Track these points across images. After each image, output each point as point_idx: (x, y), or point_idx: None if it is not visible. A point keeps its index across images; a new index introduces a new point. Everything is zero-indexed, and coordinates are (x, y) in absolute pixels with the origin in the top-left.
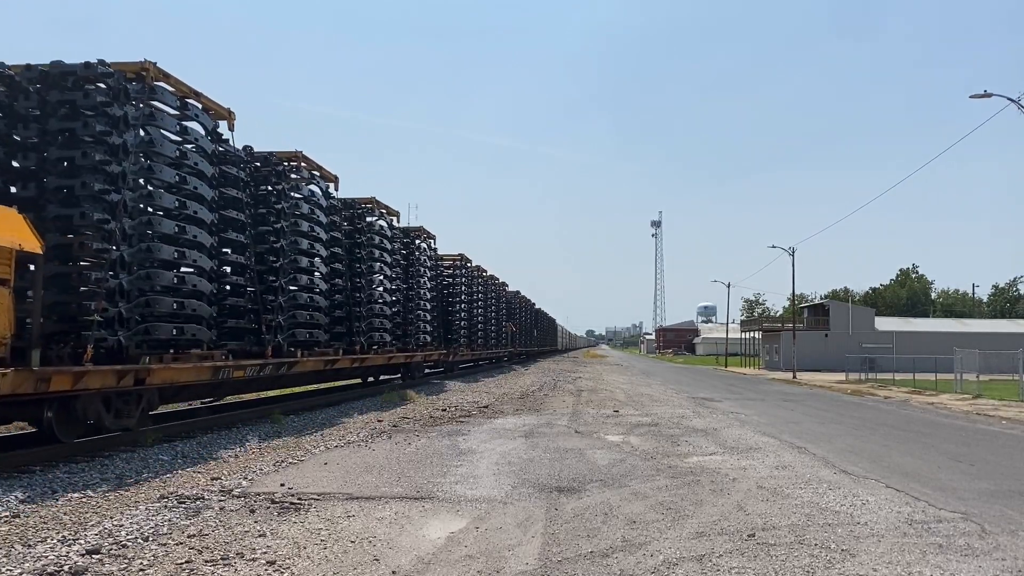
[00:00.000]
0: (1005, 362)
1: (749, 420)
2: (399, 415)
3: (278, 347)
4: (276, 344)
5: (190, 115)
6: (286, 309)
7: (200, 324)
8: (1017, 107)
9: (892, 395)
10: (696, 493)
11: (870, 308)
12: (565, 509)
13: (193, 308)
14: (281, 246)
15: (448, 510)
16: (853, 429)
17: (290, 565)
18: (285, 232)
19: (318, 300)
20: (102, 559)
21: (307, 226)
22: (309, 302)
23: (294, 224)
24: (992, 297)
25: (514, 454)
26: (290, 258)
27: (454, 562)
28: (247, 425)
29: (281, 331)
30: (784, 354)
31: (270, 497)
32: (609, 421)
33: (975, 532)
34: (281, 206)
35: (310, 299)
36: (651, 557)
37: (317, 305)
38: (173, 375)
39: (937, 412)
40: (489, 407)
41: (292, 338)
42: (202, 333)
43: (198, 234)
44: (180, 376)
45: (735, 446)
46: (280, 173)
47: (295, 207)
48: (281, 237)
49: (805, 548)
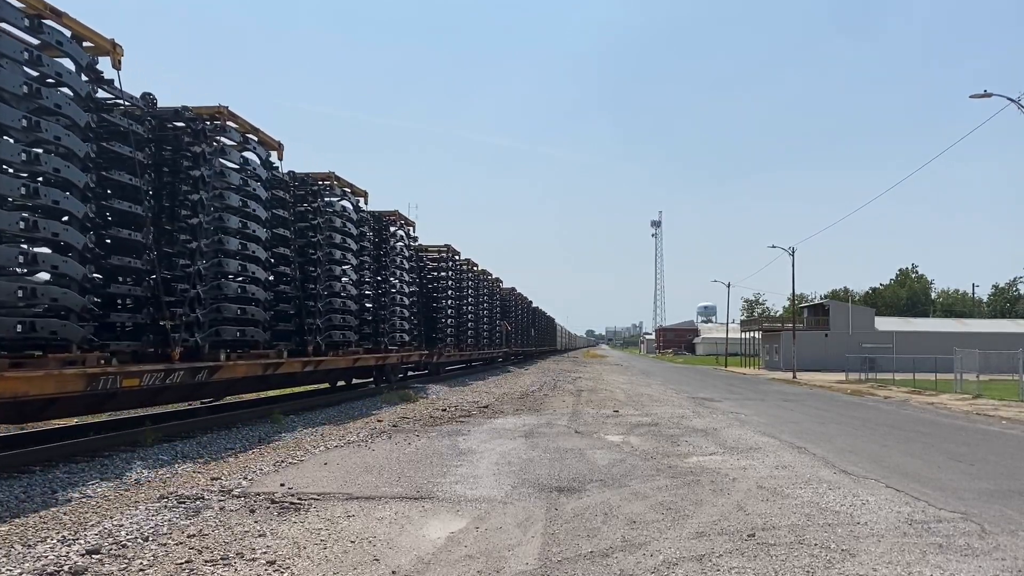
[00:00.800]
0: (1005, 362)
1: (749, 420)
2: (399, 415)
3: (194, 348)
4: (191, 344)
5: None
6: (206, 301)
7: None
8: (1017, 107)
9: (892, 395)
10: (696, 493)
11: (870, 308)
12: (565, 509)
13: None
14: (200, 223)
15: (448, 510)
16: (853, 429)
17: (290, 565)
18: (205, 205)
19: (254, 292)
20: (102, 559)
21: (237, 199)
22: (240, 293)
23: (218, 196)
24: (992, 297)
25: (514, 454)
26: (214, 238)
27: (454, 562)
28: (247, 425)
29: (199, 328)
30: (784, 354)
31: (270, 497)
32: (609, 421)
33: (975, 532)
34: (200, 172)
35: (241, 289)
36: (651, 557)
37: (252, 297)
38: None
39: (937, 412)
40: (489, 407)
41: (216, 337)
42: None
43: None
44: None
45: (735, 446)
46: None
47: (220, 176)
48: (200, 211)
49: (805, 548)
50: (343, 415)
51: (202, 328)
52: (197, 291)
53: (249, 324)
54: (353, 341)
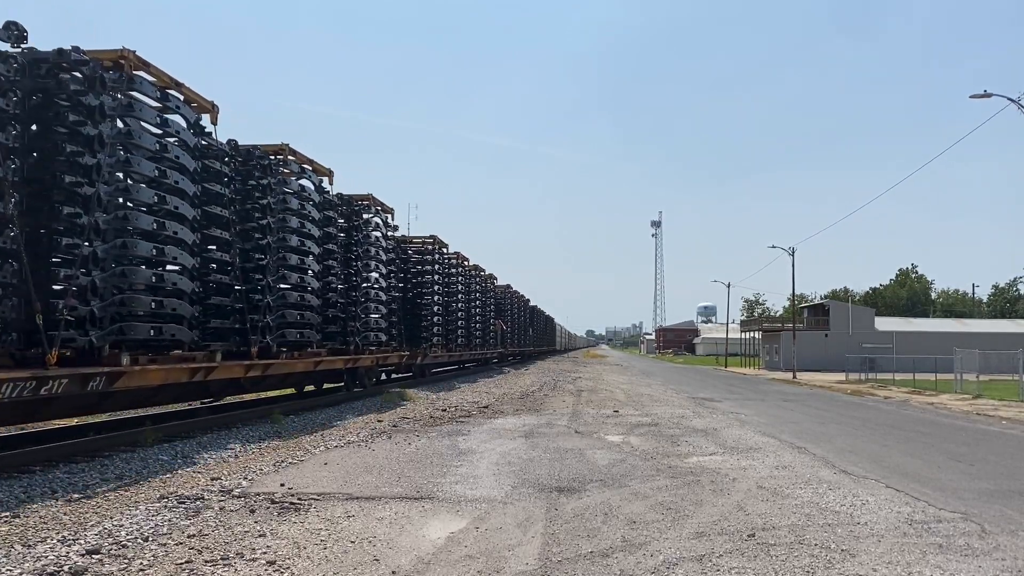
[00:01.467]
0: (1005, 362)
1: (749, 420)
2: (399, 415)
3: (86, 350)
4: (80, 345)
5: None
6: (105, 291)
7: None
8: (1017, 107)
9: (892, 395)
10: (696, 493)
11: (870, 308)
12: (565, 509)
13: None
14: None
15: (448, 510)
16: (853, 429)
17: (290, 565)
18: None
19: (176, 281)
20: (102, 559)
21: (151, 167)
22: (155, 282)
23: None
24: (992, 297)
25: (514, 454)
26: (117, 213)
27: (454, 562)
28: (247, 425)
29: (95, 324)
30: (784, 354)
31: (270, 497)
32: (609, 421)
33: (975, 532)
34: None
35: (154, 278)
36: (651, 557)
37: (173, 288)
38: None
39: (937, 412)
40: (489, 407)
41: (119, 335)
42: None
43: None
44: None
45: (735, 446)
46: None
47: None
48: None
49: (805, 548)
50: (343, 415)
51: (99, 324)
52: (92, 278)
53: (169, 321)
54: (315, 341)
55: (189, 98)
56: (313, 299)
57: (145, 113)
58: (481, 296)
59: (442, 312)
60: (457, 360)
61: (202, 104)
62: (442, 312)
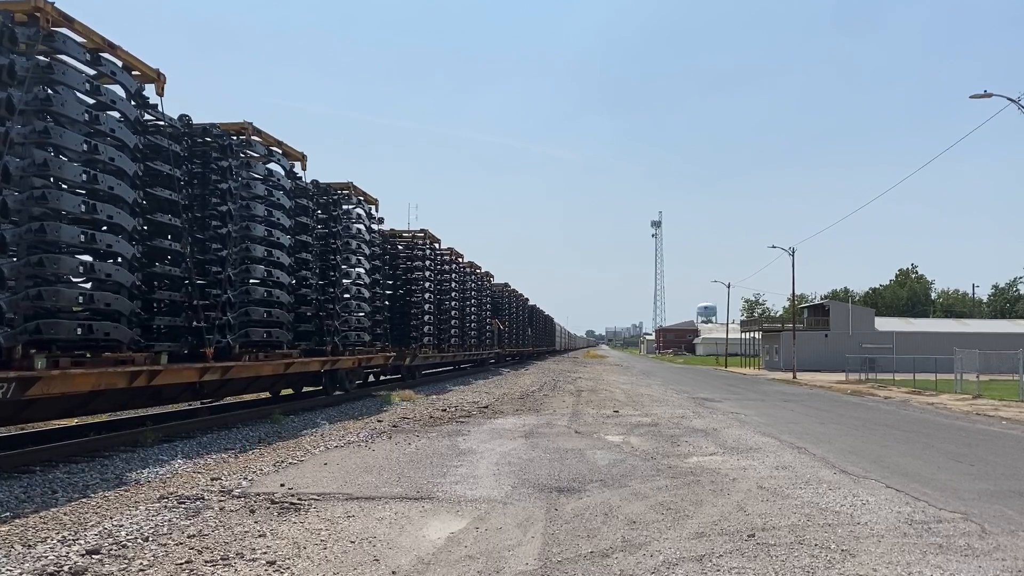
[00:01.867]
0: (1005, 362)
1: (749, 420)
2: (399, 415)
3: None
4: None
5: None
6: (14, 282)
7: None
8: (1017, 107)
9: (892, 395)
10: (696, 493)
11: (870, 308)
12: (565, 509)
13: None
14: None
15: (448, 510)
16: (853, 429)
17: (290, 565)
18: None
19: (113, 273)
20: (102, 559)
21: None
22: (92, 271)
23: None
24: (992, 297)
25: (514, 454)
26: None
27: (454, 562)
28: (247, 425)
29: (3, 322)
30: (784, 354)
31: (270, 497)
32: (609, 421)
33: (975, 532)
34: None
35: (80, 267)
36: (651, 557)
37: (105, 280)
38: None
39: (937, 412)
40: (489, 407)
41: (35, 334)
42: None
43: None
44: None
45: (735, 446)
46: None
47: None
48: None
49: (805, 548)
50: (343, 415)
51: (7, 322)
52: (16, 267)
53: (102, 318)
54: (286, 341)
55: (129, 64)
56: (283, 295)
57: (69, 77)
58: (476, 294)
59: (434, 311)
60: (450, 361)
61: (145, 72)
62: (434, 311)
